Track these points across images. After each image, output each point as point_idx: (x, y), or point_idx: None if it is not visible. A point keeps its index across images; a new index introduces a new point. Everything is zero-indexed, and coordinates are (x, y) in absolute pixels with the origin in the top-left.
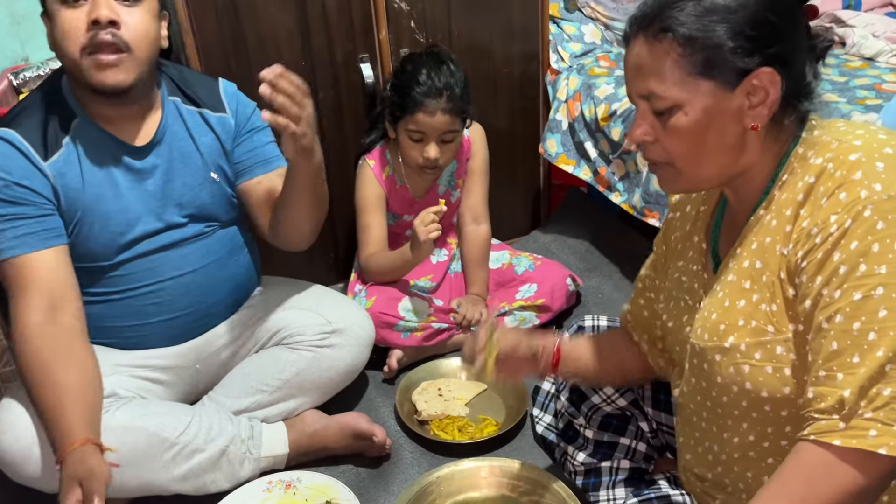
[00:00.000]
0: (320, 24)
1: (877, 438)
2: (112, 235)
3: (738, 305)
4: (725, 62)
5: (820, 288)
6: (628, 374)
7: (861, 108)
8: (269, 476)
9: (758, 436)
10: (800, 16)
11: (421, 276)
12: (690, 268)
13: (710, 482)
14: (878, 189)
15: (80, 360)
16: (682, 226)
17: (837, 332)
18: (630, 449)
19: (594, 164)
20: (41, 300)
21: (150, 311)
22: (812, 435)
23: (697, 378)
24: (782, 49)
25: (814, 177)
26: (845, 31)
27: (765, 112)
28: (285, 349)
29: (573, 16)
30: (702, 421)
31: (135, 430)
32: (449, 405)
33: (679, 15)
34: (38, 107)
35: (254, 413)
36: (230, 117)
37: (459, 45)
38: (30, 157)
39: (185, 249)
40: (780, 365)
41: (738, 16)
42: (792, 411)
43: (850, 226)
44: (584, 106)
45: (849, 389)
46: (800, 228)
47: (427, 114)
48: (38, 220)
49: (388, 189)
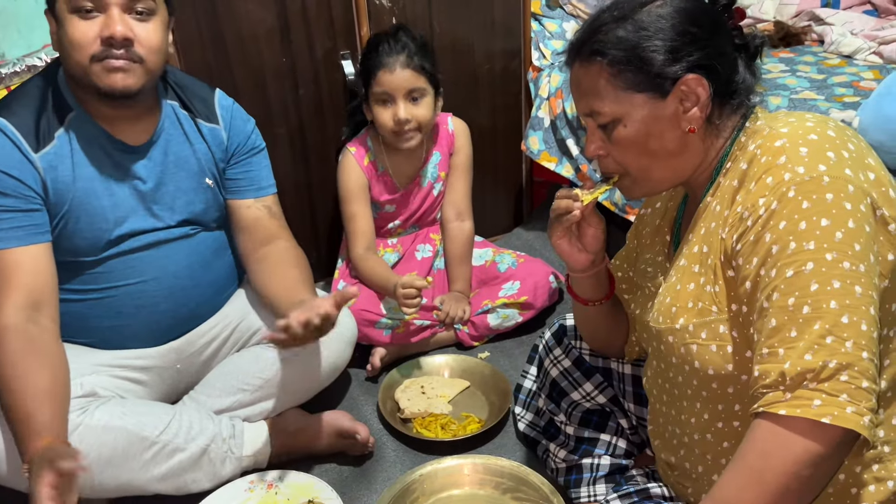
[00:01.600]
0: (300, 21)
1: (821, 408)
2: (98, 232)
3: (689, 288)
4: (653, 74)
5: (757, 269)
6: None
7: (839, 106)
8: (250, 475)
9: (711, 415)
10: (722, 21)
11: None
12: (655, 259)
13: (678, 468)
14: (800, 171)
15: (52, 363)
16: (651, 221)
17: (775, 309)
18: (610, 445)
19: (576, 162)
20: (20, 297)
21: (130, 311)
22: (760, 407)
23: (658, 360)
24: (705, 54)
25: (746, 163)
26: (823, 29)
27: (698, 114)
28: (267, 348)
29: (555, 13)
30: (664, 405)
31: (114, 429)
32: (432, 403)
33: (606, 38)
34: (32, 96)
35: (235, 412)
36: (223, 130)
37: (441, 42)
38: (21, 147)
39: (170, 249)
40: (724, 343)
41: (660, 32)
42: (737, 388)
43: (776, 207)
44: (565, 103)
45: (789, 362)
46: (734, 213)
47: (388, 71)
48: (26, 215)
49: (370, 175)
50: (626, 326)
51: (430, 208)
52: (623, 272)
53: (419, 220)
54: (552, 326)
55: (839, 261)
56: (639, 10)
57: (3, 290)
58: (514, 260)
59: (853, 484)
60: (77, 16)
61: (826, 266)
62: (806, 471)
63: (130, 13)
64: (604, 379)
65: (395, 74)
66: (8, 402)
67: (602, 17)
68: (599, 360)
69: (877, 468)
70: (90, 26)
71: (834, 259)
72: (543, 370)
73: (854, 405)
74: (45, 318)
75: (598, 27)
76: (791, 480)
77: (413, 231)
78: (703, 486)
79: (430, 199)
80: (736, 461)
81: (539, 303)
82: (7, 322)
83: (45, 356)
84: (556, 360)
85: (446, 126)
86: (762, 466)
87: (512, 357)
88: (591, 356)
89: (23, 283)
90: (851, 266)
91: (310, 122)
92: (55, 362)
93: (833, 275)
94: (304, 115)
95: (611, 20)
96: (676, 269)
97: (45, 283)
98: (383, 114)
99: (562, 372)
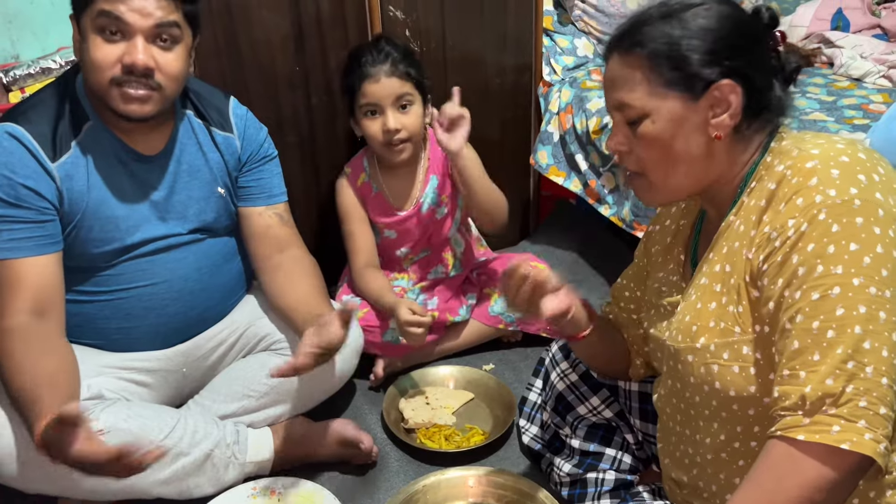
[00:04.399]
0: (314, 30)
1: (840, 434)
2: (110, 240)
3: (710, 308)
4: (689, 74)
5: (781, 290)
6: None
7: (849, 128)
8: (253, 482)
9: (728, 436)
10: (763, 37)
11: (415, 286)
12: (670, 278)
13: (688, 487)
14: (832, 194)
15: (56, 353)
16: (661, 238)
17: (798, 331)
18: (615, 460)
19: (584, 177)
20: (25, 303)
21: (139, 313)
22: (778, 431)
23: (673, 380)
24: (742, 63)
25: (775, 183)
26: (833, 52)
27: (727, 122)
28: (273, 355)
29: (566, 29)
30: (677, 424)
31: (119, 432)
32: (436, 413)
33: (649, 31)
34: (50, 104)
35: (240, 418)
36: (236, 139)
37: (453, 55)
38: (38, 156)
39: (180, 254)
40: (746, 364)
41: (702, 34)
42: (758, 410)
43: (805, 229)
44: (575, 118)
45: (810, 386)
46: (761, 233)
47: (372, 81)
48: (38, 226)
49: (364, 196)
50: (625, 348)
51: (437, 231)
52: (631, 292)
53: (429, 243)
54: (559, 340)
55: (866, 286)
56: (684, 11)
57: (8, 296)
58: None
59: None
60: (101, 36)
61: (852, 291)
62: (819, 496)
63: (155, 41)
64: (610, 394)
65: (380, 83)
66: (14, 394)
67: (648, 12)
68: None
69: (890, 493)
70: (113, 49)
71: (861, 284)
72: (550, 383)
73: (871, 432)
74: (50, 323)
75: (644, 21)
76: None
77: (425, 255)
78: None
79: (435, 224)
80: (749, 482)
81: None
82: (9, 324)
83: (48, 348)
84: (563, 373)
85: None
86: (775, 489)
87: (517, 370)
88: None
89: (28, 290)
90: (878, 292)
91: (321, 131)
92: (59, 352)
93: (859, 300)
94: (316, 124)
95: (657, 16)
96: (697, 287)
97: (51, 292)
98: (371, 126)
99: (568, 386)
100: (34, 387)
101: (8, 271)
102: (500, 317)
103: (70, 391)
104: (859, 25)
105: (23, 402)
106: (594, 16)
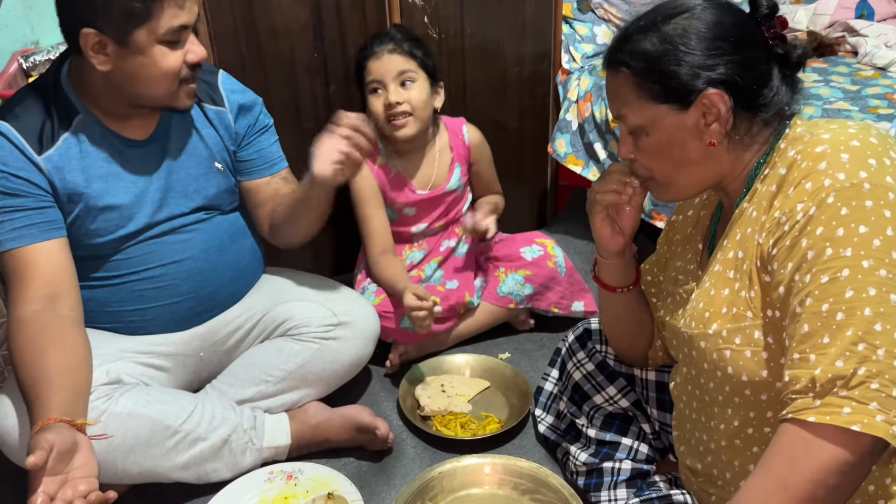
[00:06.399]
0: (333, 18)
1: (851, 415)
2: (115, 229)
3: (723, 294)
4: (675, 87)
5: (791, 274)
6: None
7: (873, 117)
8: (270, 466)
9: (741, 421)
10: (754, 33)
11: (430, 260)
12: (687, 267)
13: (703, 475)
14: (841, 178)
15: (69, 346)
16: (683, 228)
17: (808, 314)
18: (632, 449)
19: (603, 166)
20: (39, 290)
21: (151, 295)
22: (789, 414)
23: (688, 367)
24: (729, 70)
25: (786, 168)
26: (857, 41)
27: (718, 129)
28: (290, 340)
29: (586, 17)
30: (692, 411)
31: (138, 416)
32: (452, 401)
33: (631, 49)
34: (35, 99)
35: (257, 403)
36: (228, 113)
37: (471, 42)
38: (24, 150)
39: (186, 234)
40: (758, 349)
41: (684, 46)
42: (771, 395)
43: (814, 213)
44: (594, 107)
45: (820, 368)
46: (772, 218)
47: (375, 58)
48: (38, 212)
49: (382, 178)
50: (652, 326)
51: (455, 209)
52: (653, 276)
53: (445, 219)
54: (576, 330)
55: (876, 268)
56: (666, 22)
57: (19, 285)
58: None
59: (882, 495)
60: (167, 47)
61: (862, 273)
62: (833, 479)
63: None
64: (627, 383)
65: (382, 60)
66: (22, 387)
67: (630, 28)
68: (623, 366)
69: None
70: (177, 55)
71: (870, 266)
72: (566, 373)
73: (884, 413)
74: (63, 308)
75: (626, 38)
76: (817, 488)
77: (439, 231)
78: (728, 493)
79: (456, 202)
80: (762, 467)
81: (548, 273)
82: (21, 314)
83: (58, 339)
84: (580, 363)
85: (462, 136)
86: (788, 473)
87: (533, 359)
88: (615, 361)
89: (40, 277)
90: (888, 274)
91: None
92: (69, 344)
93: (869, 282)
94: (333, 111)
95: (637, 31)
96: (710, 274)
97: (61, 277)
98: (375, 103)
99: (585, 375)
100: (39, 383)
101: (16, 260)
102: (509, 297)
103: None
104: (884, 14)
105: (26, 398)
106: (614, 3)
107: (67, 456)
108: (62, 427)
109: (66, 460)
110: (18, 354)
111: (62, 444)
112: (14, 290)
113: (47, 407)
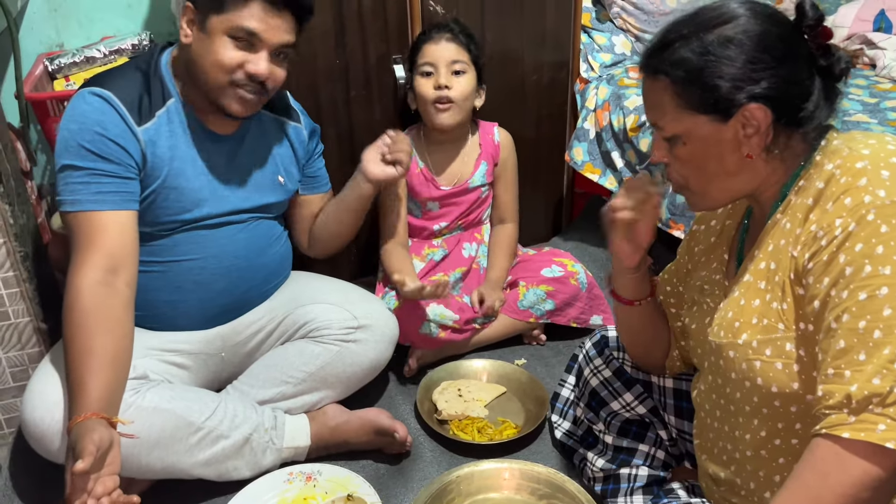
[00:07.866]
0: (355, 24)
1: (885, 432)
2: (180, 211)
3: (753, 304)
4: (716, 99)
5: (828, 289)
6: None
7: (892, 130)
8: (289, 467)
9: (769, 432)
10: (797, 45)
11: (455, 268)
12: (713, 277)
13: (726, 484)
14: (881, 195)
15: (116, 330)
16: (705, 238)
17: (844, 330)
18: (649, 456)
19: (620, 174)
20: (102, 259)
21: (189, 286)
22: (823, 429)
23: (714, 376)
24: (771, 83)
25: (823, 182)
26: (876, 53)
27: (756, 142)
28: (311, 342)
29: (604, 26)
30: (716, 420)
31: (164, 412)
32: (469, 406)
33: (673, 57)
34: (134, 76)
35: (277, 404)
36: (304, 129)
37: (491, 50)
38: (125, 118)
39: (232, 230)
40: (789, 361)
41: (726, 58)
42: (801, 407)
43: (854, 229)
44: (612, 116)
45: (856, 385)
46: (807, 231)
47: (432, 42)
48: (124, 182)
49: (411, 171)
50: (668, 336)
51: (477, 211)
52: (672, 286)
53: (465, 221)
54: (593, 337)
55: None
56: (708, 32)
57: (87, 250)
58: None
59: None
60: (231, 40)
61: None
62: (864, 494)
63: (277, 56)
64: (644, 390)
65: (439, 45)
66: (69, 365)
67: (671, 34)
68: (640, 373)
69: None
70: (238, 54)
71: None
72: (583, 379)
73: None
74: (121, 283)
75: (667, 44)
76: (848, 503)
77: (459, 231)
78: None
79: (479, 203)
80: (793, 480)
81: (572, 291)
82: (83, 283)
83: (111, 322)
84: (597, 369)
85: (492, 136)
86: (820, 486)
87: (549, 365)
88: (632, 367)
89: (107, 245)
90: None
91: (360, 124)
92: (120, 330)
93: None
94: (355, 117)
95: (679, 39)
96: (740, 284)
97: (127, 250)
98: (425, 85)
99: (602, 381)
100: (86, 368)
101: (90, 224)
102: (529, 311)
103: (119, 376)
104: None
105: (73, 378)
106: (633, 13)
107: (105, 456)
108: (101, 425)
109: (104, 460)
110: (71, 329)
111: (104, 445)
112: (79, 253)
113: (88, 400)
